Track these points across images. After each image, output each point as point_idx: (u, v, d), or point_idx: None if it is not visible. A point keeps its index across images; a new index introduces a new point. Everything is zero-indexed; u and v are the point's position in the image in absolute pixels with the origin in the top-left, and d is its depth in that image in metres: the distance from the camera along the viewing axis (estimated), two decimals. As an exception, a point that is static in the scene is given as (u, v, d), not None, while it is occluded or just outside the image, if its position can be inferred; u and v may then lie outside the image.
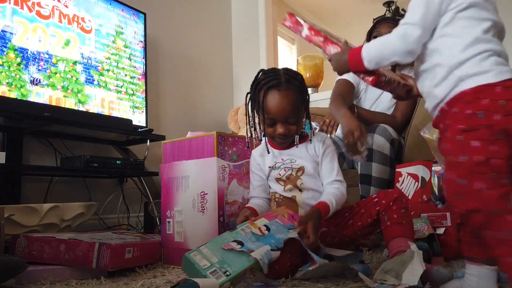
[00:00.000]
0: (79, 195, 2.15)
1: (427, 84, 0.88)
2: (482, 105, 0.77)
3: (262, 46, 3.33)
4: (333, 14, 5.01)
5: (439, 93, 0.84)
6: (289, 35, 4.69)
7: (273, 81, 1.12)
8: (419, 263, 0.90)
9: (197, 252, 0.93)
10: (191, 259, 0.91)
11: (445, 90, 0.83)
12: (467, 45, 0.82)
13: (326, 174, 1.18)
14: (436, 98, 0.85)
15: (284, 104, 1.11)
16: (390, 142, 1.61)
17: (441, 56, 0.85)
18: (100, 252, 1.11)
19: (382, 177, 1.60)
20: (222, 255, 0.93)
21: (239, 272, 0.90)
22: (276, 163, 1.21)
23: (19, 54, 1.75)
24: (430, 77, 0.87)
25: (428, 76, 0.88)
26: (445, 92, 0.83)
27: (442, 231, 1.27)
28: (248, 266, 0.92)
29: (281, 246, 1.00)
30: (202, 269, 0.89)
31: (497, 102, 0.76)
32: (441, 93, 0.84)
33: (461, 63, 0.81)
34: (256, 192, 1.25)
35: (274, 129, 1.14)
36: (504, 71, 0.79)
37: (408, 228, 1.06)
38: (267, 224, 1.06)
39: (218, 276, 0.88)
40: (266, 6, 3.37)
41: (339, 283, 0.97)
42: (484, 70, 0.79)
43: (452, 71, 0.82)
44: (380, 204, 1.09)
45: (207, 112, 3.12)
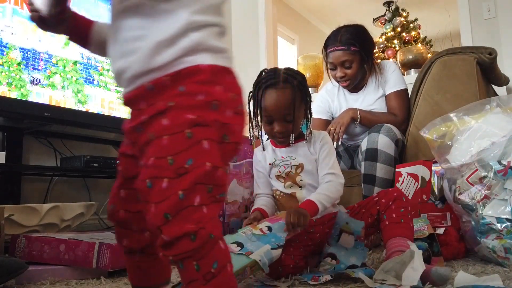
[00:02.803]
0: (79, 195, 2.15)
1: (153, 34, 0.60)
2: (216, 93, 0.60)
3: (262, 46, 3.33)
4: (333, 14, 5.01)
5: (163, 55, 0.59)
6: (289, 35, 4.69)
7: (271, 80, 1.15)
8: (419, 263, 0.90)
9: None
10: None
11: (174, 53, 0.59)
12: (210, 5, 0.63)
13: (321, 168, 1.19)
14: (152, 60, 0.59)
15: (280, 102, 1.13)
16: (395, 142, 1.61)
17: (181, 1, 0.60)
18: (100, 252, 1.11)
19: (386, 177, 1.60)
20: None
21: (238, 270, 0.89)
22: (275, 160, 1.23)
23: (19, 54, 1.75)
24: (160, 23, 0.60)
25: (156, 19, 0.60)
26: (173, 56, 0.59)
27: (442, 231, 1.27)
28: (247, 263, 0.91)
29: (282, 244, 0.99)
30: None
31: (229, 94, 0.62)
32: (166, 56, 0.59)
33: (202, 26, 0.61)
34: (262, 189, 1.25)
35: (272, 127, 1.17)
36: (232, 57, 0.65)
37: (407, 227, 1.05)
38: (269, 225, 1.06)
39: None
40: (266, 6, 3.37)
41: (339, 283, 0.97)
42: (222, 48, 0.63)
43: (190, 33, 0.60)
44: (380, 203, 1.10)
45: (207, 112, 3.12)
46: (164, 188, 0.55)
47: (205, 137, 0.58)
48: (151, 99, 0.60)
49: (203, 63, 0.60)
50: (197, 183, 0.56)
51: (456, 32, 3.14)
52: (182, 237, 0.54)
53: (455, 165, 1.24)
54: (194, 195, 0.56)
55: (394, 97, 1.81)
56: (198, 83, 0.59)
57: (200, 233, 0.55)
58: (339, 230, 1.11)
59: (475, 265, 1.14)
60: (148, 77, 0.60)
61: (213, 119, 0.59)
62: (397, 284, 0.88)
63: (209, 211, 0.57)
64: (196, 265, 0.55)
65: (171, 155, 0.56)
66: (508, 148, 1.15)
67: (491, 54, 1.68)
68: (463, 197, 1.20)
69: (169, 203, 0.55)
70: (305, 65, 3.31)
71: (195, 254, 0.55)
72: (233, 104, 0.62)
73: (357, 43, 1.75)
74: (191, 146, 0.57)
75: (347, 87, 1.85)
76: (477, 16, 2.64)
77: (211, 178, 0.58)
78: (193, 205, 0.56)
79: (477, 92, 1.64)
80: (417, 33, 3.81)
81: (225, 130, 0.60)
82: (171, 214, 0.55)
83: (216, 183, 0.58)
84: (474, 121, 1.27)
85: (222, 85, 0.61)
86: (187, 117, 0.57)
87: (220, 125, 0.59)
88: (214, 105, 0.59)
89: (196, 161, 0.57)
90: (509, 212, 1.11)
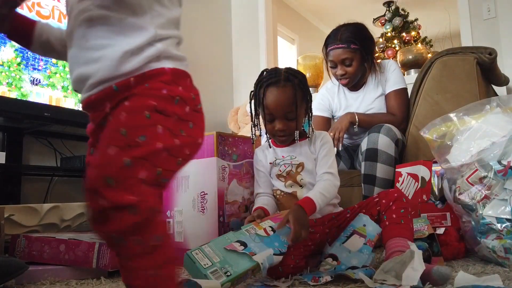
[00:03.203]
0: (79, 195, 2.15)
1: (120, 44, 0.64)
2: (179, 91, 0.66)
3: (262, 46, 3.33)
4: (333, 14, 5.01)
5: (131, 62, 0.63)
6: (289, 35, 4.69)
7: (273, 78, 1.16)
8: (419, 263, 0.89)
9: (199, 251, 0.93)
10: (193, 258, 0.91)
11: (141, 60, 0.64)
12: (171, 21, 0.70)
13: (320, 166, 1.19)
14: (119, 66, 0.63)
15: (282, 100, 1.14)
16: (395, 142, 1.61)
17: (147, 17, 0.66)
18: (100, 252, 1.11)
19: (386, 177, 1.60)
20: (224, 255, 0.93)
21: (240, 273, 0.90)
22: (276, 159, 1.23)
23: (19, 54, 1.75)
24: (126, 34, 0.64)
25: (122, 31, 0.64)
26: (140, 63, 0.64)
27: (442, 231, 1.27)
28: (250, 267, 0.92)
29: (284, 251, 0.99)
30: (203, 268, 0.88)
31: (190, 94, 0.68)
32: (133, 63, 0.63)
33: (164, 38, 0.67)
34: (262, 188, 1.26)
35: (273, 125, 1.18)
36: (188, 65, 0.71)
37: (407, 228, 1.05)
38: (272, 226, 1.06)
39: (219, 276, 0.87)
40: (266, 6, 3.37)
41: (339, 283, 0.97)
42: (182, 56, 0.70)
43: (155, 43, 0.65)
44: (381, 203, 1.10)
45: (207, 112, 3.07)
46: (111, 154, 0.56)
47: (163, 124, 0.61)
48: (115, 99, 0.63)
49: (166, 67, 0.66)
50: (146, 158, 0.58)
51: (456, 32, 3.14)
52: (123, 209, 0.54)
53: (455, 165, 1.24)
54: (140, 168, 0.57)
55: (393, 96, 1.81)
56: (162, 82, 0.64)
57: (141, 206, 0.55)
58: (351, 231, 1.11)
59: (475, 265, 1.14)
60: (114, 81, 0.63)
61: (173, 111, 0.63)
62: (397, 284, 0.88)
63: (150, 190, 0.58)
64: (138, 240, 0.55)
65: (125, 128, 0.59)
66: (508, 148, 1.15)
67: (491, 54, 1.68)
68: (463, 197, 1.20)
69: (113, 168, 0.56)
70: (305, 65, 3.31)
71: (137, 229, 0.55)
72: (193, 103, 0.68)
73: (357, 41, 1.75)
74: (148, 125, 0.60)
75: (347, 85, 1.85)
76: (477, 16, 2.64)
77: (160, 159, 0.60)
78: (137, 177, 0.56)
79: (477, 92, 1.64)
80: (417, 33, 3.81)
81: (182, 125, 0.64)
82: (114, 180, 0.55)
83: (165, 167, 0.60)
84: (474, 121, 1.27)
85: (182, 86, 0.67)
86: (149, 102, 0.61)
87: (179, 118, 0.64)
88: (176, 100, 0.64)
89: (148, 138, 0.59)
90: (509, 212, 1.11)
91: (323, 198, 1.09)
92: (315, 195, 1.08)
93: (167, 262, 0.59)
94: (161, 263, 0.58)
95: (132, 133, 0.58)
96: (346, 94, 1.92)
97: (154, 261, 0.57)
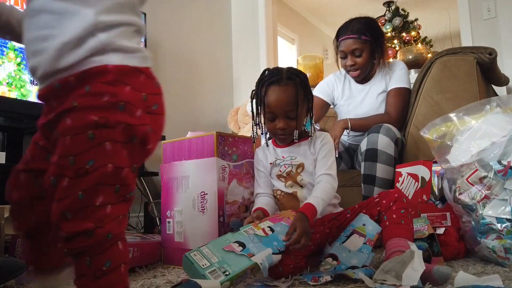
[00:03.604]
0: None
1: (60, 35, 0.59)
2: (124, 94, 0.59)
3: (262, 46, 3.33)
4: (333, 14, 5.01)
5: (71, 56, 0.59)
6: (289, 35, 4.69)
7: (275, 77, 1.17)
8: (419, 263, 0.90)
9: (197, 252, 0.93)
10: (191, 259, 0.91)
11: (82, 53, 0.58)
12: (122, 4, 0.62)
13: (318, 167, 1.19)
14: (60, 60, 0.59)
15: (283, 98, 1.15)
16: (394, 142, 1.61)
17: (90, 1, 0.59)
18: (100, 252, 1.11)
19: (386, 177, 1.60)
20: (222, 255, 0.93)
21: (239, 272, 0.90)
22: (276, 159, 1.23)
23: (19, 54, 1.75)
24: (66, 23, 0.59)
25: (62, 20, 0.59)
26: (81, 56, 0.59)
27: (442, 231, 1.27)
28: (248, 266, 0.92)
29: (283, 250, 1.00)
30: (201, 269, 0.89)
31: (140, 94, 0.61)
32: (74, 57, 0.59)
33: (110, 26, 0.60)
34: (263, 188, 1.26)
35: (274, 124, 1.18)
36: (149, 57, 0.64)
37: (407, 228, 1.06)
38: (271, 226, 1.06)
39: (217, 276, 0.87)
40: (266, 6, 3.37)
41: (339, 283, 0.97)
42: (135, 48, 0.62)
43: (97, 33, 0.59)
44: (381, 204, 1.10)
45: (207, 112, 3.12)
46: (65, 187, 0.57)
47: (108, 138, 0.58)
48: (60, 97, 0.61)
49: (111, 63, 0.59)
50: (99, 183, 0.57)
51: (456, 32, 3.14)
52: (78, 234, 0.56)
53: (455, 165, 1.24)
54: (96, 195, 0.57)
55: (393, 94, 1.81)
56: (104, 83, 0.59)
57: (96, 231, 0.56)
58: (351, 231, 1.11)
59: (475, 265, 1.14)
60: (56, 77, 0.61)
61: (118, 121, 0.58)
62: (397, 284, 0.88)
63: (113, 210, 0.58)
64: (89, 261, 0.56)
65: (72, 155, 0.57)
66: (508, 148, 1.15)
67: (491, 54, 1.68)
68: (463, 197, 1.20)
69: (68, 202, 0.56)
70: (305, 65, 3.31)
71: (90, 251, 0.56)
72: (144, 104, 0.61)
73: (368, 32, 1.77)
74: (93, 147, 0.57)
75: (357, 77, 1.85)
76: (477, 16, 2.64)
77: (116, 178, 0.58)
78: (94, 205, 0.57)
79: (477, 92, 1.64)
80: (417, 33, 3.81)
81: (133, 131, 0.60)
82: (70, 213, 0.56)
83: (123, 183, 0.59)
84: (474, 121, 1.27)
85: (131, 85, 0.60)
86: (90, 118, 0.57)
87: (126, 126, 0.59)
88: (120, 106, 0.59)
89: (97, 162, 0.57)
90: (509, 212, 1.11)
91: (323, 203, 1.09)
92: (317, 201, 1.08)
93: None
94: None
95: (79, 160, 0.57)
96: (352, 85, 1.92)
97: (101, 286, 0.57)
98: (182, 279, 0.88)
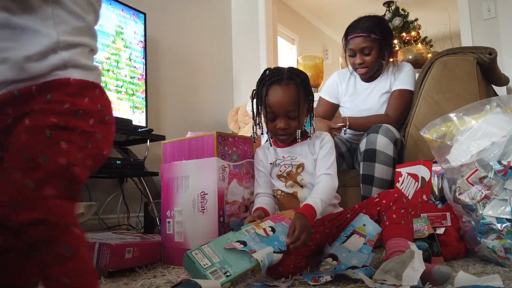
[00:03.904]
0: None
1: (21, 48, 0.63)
2: (84, 104, 0.66)
3: (262, 46, 3.33)
4: (333, 14, 5.01)
5: (34, 68, 0.63)
6: (289, 35, 4.69)
7: (275, 77, 1.17)
8: (419, 263, 0.90)
9: (198, 251, 0.93)
10: (192, 258, 0.91)
11: (44, 67, 0.64)
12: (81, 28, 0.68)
13: (319, 167, 1.19)
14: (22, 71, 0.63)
15: (284, 98, 1.15)
16: (393, 142, 1.61)
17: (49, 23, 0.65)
18: (100, 252, 1.11)
19: (384, 177, 1.60)
20: (224, 255, 0.93)
21: (240, 274, 0.90)
22: (276, 159, 1.23)
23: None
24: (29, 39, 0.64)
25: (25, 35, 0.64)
26: (43, 70, 0.64)
27: (442, 231, 1.27)
28: (249, 267, 0.92)
29: (284, 249, 1.00)
30: (202, 269, 0.89)
31: (96, 105, 0.68)
32: (36, 69, 0.63)
33: (70, 46, 0.66)
34: (263, 188, 1.26)
35: (275, 124, 1.18)
36: (100, 74, 0.72)
37: (407, 229, 1.06)
38: (272, 226, 1.06)
39: (218, 277, 0.87)
40: (266, 6, 3.37)
41: (339, 283, 0.97)
42: (92, 66, 0.70)
43: (59, 50, 0.65)
44: (381, 204, 1.10)
45: (207, 112, 3.12)
46: (16, 179, 0.59)
47: (66, 139, 0.63)
48: (18, 106, 0.64)
49: (73, 77, 0.66)
50: (51, 176, 0.60)
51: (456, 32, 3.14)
52: (31, 224, 0.58)
53: (455, 165, 1.24)
54: (47, 187, 0.60)
55: (395, 95, 1.82)
56: (66, 94, 0.64)
57: (50, 219, 0.59)
58: (351, 231, 1.11)
59: (475, 265, 1.14)
60: (18, 85, 0.64)
61: (76, 125, 0.64)
62: (397, 284, 0.89)
63: (63, 204, 0.61)
64: (50, 249, 0.59)
65: (27, 152, 0.60)
66: (508, 148, 1.15)
67: (491, 54, 1.68)
68: (463, 197, 1.20)
69: (18, 193, 0.59)
70: (305, 65, 3.31)
71: (48, 239, 0.59)
72: (99, 115, 0.68)
73: (377, 31, 1.78)
74: (50, 145, 0.61)
75: (364, 75, 1.85)
76: (477, 16, 2.64)
77: (67, 174, 0.62)
78: (43, 195, 0.59)
79: (477, 92, 1.64)
80: (417, 33, 3.81)
81: (88, 137, 0.66)
82: (20, 203, 0.59)
83: (73, 180, 0.63)
84: (474, 121, 1.27)
85: (88, 98, 0.67)
86: (51, 120, 0.62)
87: (83, 132, 0.65)
88: (79, 114, 0.65)
89: (51, 158, 0.61)
90: (509, 212, 1.11)
91: (323, 204, 1.09)
92: (315, 202, 1.08)
93: (83, 272, 0.62)
94: (76, 273, 0.61)
95: (34, 155, 0.60)
96: (357, 83, 1.93)
97: (68, 270, 0.60)
98: (182, 279, 0.88)
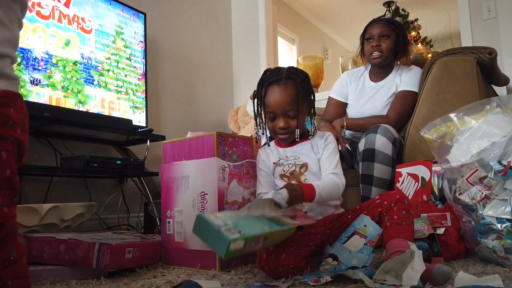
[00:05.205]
0: (79, 195, 2.15)
1: None
2: (11, 114, 0.70)
3: (262, 46, 3.33)
4: (333, 14, 5.01)
5: None
6: (289, 35, 4.69)
7: (274, 77, 1.18)
8: (419, 263, 0.90)
9: (211, 213, 0.89)
10: (205, 217, 0.86)
11: None
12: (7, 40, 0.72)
13: (324, 167, 1.19)
14: None
15: (283, 97, 1.15)
16: (392, 142, 1.61)
17: None
18: (100, 252, 1.11)
19: (383, 177, 1.60)
20: (237, 221, 0.89)
21: (254, 235, 0.87)
22: (279, 159, 1.24)
23: (19, 54, 1.75)
24: None
25: None
26: None
27: (442, 231, 1.27)
28: (262, 233, 0.90)
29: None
30: (216, 226, 0.83)
31: (20, 115, 0.72)
32: None
33: None
34: (265, 188, 1.26)
35: (275, 123, 1.18)
36: (19, 83, 0.76)
37: (408, 230, 1.06)
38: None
39: (232, 233, 0.82)
40: (266, 6, 3.37)
41: (339, 283, 0.97)
42: (15, 76, 0.74)
43: None
44: (382, 205, 1.10)
45: (207, 112, 3.12)
46: None
47: (4, 149, 0.67)
48: None
49: (0, 88, 0.69)
50: None
51: (456, 32, 3.14)
52: None
53: (455, 165, 1.24)
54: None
55: (399, 96, 1.83)
56: None
57: (6, 224, 0.64)
58: (352, 232, 1.11)
59: (475, 265, 1.14)
60: None
61: (10, 134, 0.69)
62: (397, 284, 0.89)
63: (9, 211, 0.66)
64: None
65: None
66: (508, 148, 1.15)
67: (491, 54, 1.68)
68: (463, 197, 1.20)
69: None
70: (305, 65, 3.31)
71: None
72: (22, 123, 0.73)
73: (397, 25, 1.90)
74: None
75: (377, 58, 1.87)
76: (477, 16, 2.64)
77: (10, 183, 0.67)
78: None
79: (477, 92, 1.64)
80: (417, 33, 3.80)
81: (17, 144, 0.71)
82: None
83: (13, 187, 0.68)
84: (474, 121, 1.27)
85: (13, 108, 0.71)
86: None
87: (15, 140, 0.70)
88: (9, 123, 0.70)
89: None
90: (509, 212, 1.11)
91: (326, 192, 1.10)
92: (319, 185, 1.10)
93: (23, 277, 0.68)
94: (17, 277, 0.66)
95: None
96: (365, 82, 1.96)
97: (11, 273, 0.65)
98: (183, 280, 0.88)
